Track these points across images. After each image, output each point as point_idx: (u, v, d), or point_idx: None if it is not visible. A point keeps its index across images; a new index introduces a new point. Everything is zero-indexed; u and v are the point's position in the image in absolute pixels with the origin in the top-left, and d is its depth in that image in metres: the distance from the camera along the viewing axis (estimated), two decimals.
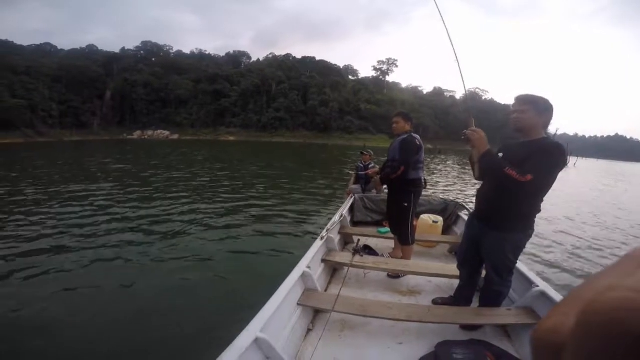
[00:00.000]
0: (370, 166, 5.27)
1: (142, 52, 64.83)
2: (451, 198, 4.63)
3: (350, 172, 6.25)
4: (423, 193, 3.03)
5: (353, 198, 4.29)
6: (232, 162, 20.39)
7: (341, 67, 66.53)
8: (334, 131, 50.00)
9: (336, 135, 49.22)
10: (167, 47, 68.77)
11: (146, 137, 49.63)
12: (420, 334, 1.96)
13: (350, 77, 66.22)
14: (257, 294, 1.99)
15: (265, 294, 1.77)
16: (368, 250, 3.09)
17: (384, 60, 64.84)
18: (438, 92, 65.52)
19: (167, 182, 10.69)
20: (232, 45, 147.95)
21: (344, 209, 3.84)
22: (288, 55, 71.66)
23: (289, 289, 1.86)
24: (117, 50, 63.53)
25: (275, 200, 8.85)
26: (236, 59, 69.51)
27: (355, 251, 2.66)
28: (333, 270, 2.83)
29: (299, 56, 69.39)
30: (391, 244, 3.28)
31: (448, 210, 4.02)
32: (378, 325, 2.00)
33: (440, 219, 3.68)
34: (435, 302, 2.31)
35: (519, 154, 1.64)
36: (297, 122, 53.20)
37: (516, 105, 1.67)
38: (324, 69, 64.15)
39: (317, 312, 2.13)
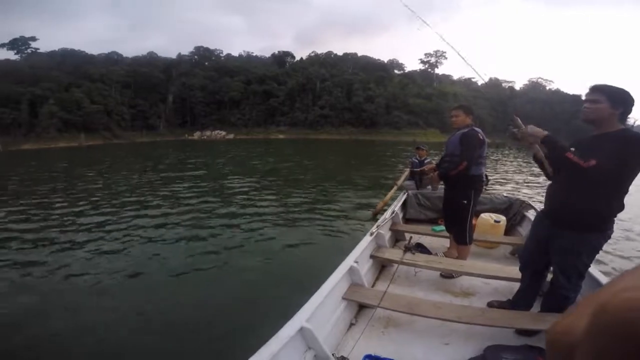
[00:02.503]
0: (425, 161, 5.07)
1: (196, 57, 69.52)
2: (517, 196, 4.26)
3: (405, 167, 6.08)
4: (485, 190, 2.94)
5: (406, 194, 4.18)
6: (290, 159, 21.29)
7: (385, 62, 65.38)
8: (381, 127, 49.39)
9: (384, 131, 48.57)
10: (218, 51, 72.97)
11: (205, 137, 53.20)
12: (469, 336, 1.86)
13: (395, 71, 64.80)
14: (304, 286, 2.10)
15: (312, 286, 1.83)
16: (420, 248, 2.98)
17: (431, 52, 62.54)
18: (494, 83, 61.46)
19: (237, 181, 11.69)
20: (276, 45, 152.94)
21: (396, 206, 3.76)
22: (329, 53, 72.15)
23: (335, 282, 1.89)
24: (173, 56, 68.85)
25: (325, 195, 9.00)
26: (281, 59, 71.52)
27: (407, 248, 2.60)
28: (382, 266, 2.81)
29: (340, 53, 69.63)
30: (446, 242, 3.14)
31: (512, 209, 3.75)
32: (424, 324, 1.94)
33: (502, 218, 3.44)
34: (490, 304, 2.17)
35: (591, 148, 1.50)
36: (342, 119, 53.43)
37: (588, 94, 1.54)
38: (367, 64, 63.55)
39: (361, 307, 2.14)
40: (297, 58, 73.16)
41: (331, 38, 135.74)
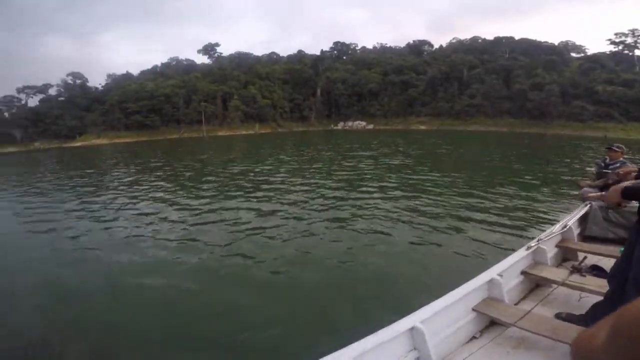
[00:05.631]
0: (614, 166, 3.80)
1: (335, 52, 75.35)
2: None
3: (590, 170, 4.65)
4: None
5: (588, 206, 3.42)
6: (435, 151, 20.88)
7: (556, 44, 55.36)
8: (554, 118, 42.70)
9: (558, 124, 41.82)
10: (353, 45, 77.07)
11: (347, 127, 57.88)
12: None
13: (572, 54, 54.26)
14: (430, 288, 1.96)
15: (439, 289, 1.78)
16: (596, 271, 2.49)
17: (626, 32, 49.14)
18: None
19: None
20: (407, 35, 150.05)
21: (571, 219, 3.19)
22: (475, 38, 65.90)
23: (467, 291, 1.80)
24: (317, 52, 76.46)
25: (478, 193, 8.18)
26: (417, 48, 69.93)
27: (575, 269, 2.31)
28: (535, 285, 2.46)
29: (489, 37, 62.68)
30: None
31: None
32: (565, 352, 1.63)
33: None
34: None
35: None
36: (498, 109, 48.66)
37: None
38: (530, 47, 55.10)
39: (492, 323, 1.95)
40: (436, 46, 70.15)
41: (471, 23, 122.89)
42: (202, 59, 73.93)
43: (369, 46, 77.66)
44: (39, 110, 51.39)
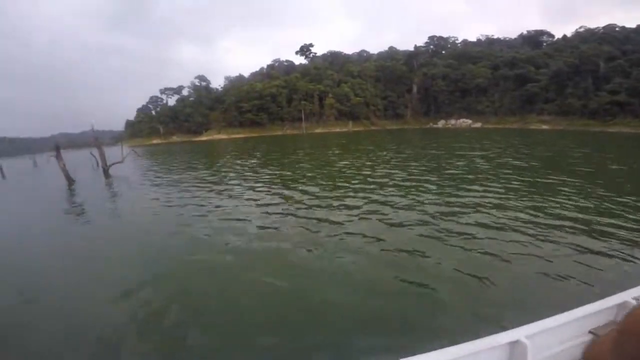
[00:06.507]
0: None
1: (431, 46, 72.22)
2: None
3: None
4: None
5: None
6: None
7: None
8: None
9: None
10: (452, 38, 72.76)
11: (449, 125, 55.14)
12: None
13: None
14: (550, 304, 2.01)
15: (554, 307, 1.65)
16: None
17: None
18: None
19: None
20: (520, 25, 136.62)
21: None
22: (611, 27, 55.99)
23: (587, 312, 1.67)
24: (410, 48, 74.37)
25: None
26: (533, 39, 62.51)
27: None
28: None
29: (630, 25, 52.56)
30: None
31: None
32: None
33: None
34: None
35: None
36: None
37: None
38: None
39: None
40: (558, 36, 61.76)
41: (601, 10, 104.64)
42: (299, 60, 78.40)
43: (471, 39, 72.42)
44: (176, 109, 61.38)
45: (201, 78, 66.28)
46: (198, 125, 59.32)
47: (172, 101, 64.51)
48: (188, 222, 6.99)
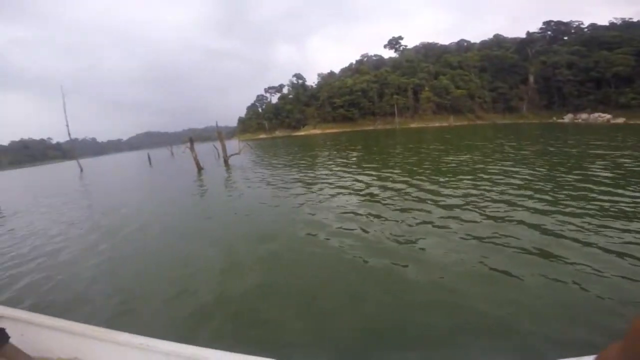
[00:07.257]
0: None
1: (548, 32, 62.95)
2: None
3: None
4: None
5: None
6: None
7: None
8: None
9: None
10: (577, 23, 62.13)
11: (579, 120, 47.60)
12: None
13: None
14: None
15: None
16: None
17: None
18: None
19: None
20: None
21: None
22: None
23: None
24: (520, 34, 66.13)
25: None
26: None
27: None
28: None
29: None
30: None
31: None
32: None
33: None
34: None
35: None
36: None
37: None
38: None
39: None
40: None
41: None
42: (389, 53, 76.97)
43: (603, 22, 60.76)
44: (278, 106, 66.64)
45: (298, 76, 70.43)
46: (297, 121, 63.39)
47: (274, 99, 70.40)
48: (308, 211, 6.65)
